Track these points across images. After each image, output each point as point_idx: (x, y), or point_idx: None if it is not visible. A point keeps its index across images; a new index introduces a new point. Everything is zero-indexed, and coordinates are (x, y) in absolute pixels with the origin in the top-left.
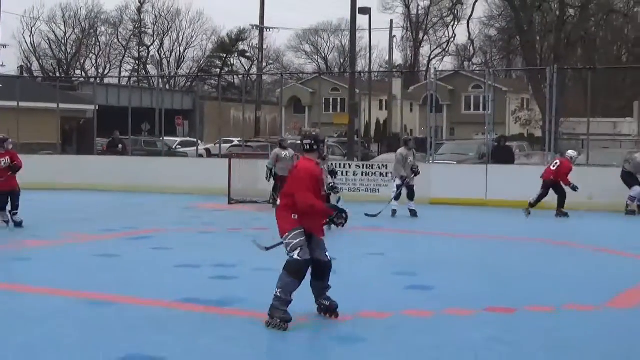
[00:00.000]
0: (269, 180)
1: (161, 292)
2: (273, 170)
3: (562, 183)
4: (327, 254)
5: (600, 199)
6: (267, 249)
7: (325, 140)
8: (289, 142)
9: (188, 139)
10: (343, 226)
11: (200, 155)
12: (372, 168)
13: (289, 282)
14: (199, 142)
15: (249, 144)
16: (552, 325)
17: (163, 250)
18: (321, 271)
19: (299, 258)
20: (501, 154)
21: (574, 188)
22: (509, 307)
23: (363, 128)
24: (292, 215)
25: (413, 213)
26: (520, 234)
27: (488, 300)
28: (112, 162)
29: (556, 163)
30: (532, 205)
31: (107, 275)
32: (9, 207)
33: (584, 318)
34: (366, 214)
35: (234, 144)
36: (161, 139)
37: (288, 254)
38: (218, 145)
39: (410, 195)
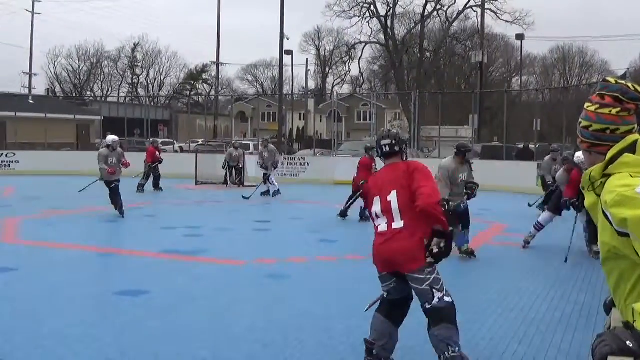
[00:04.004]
0: (223, 168)
1: (149, 246)
2: (229, 163)
3: None
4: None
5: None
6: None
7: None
8: (239, 143)
9: (167, 140)
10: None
11: (176, 151)
12: (295, 159)
13: (456, 333)
14: (175, 142)
15: (209, 143)
16: None
17: (150, 217)
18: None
19: (451, 299)
20: None
21: None
22: None
23: (288, 133)
24: (425, 240)
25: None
26: None
27: None
28: None
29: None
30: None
31: (110, 234)
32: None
33: None
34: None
35: (199, 143)
36: (148, 139)
37: (439, 297)
38: (188, 144)
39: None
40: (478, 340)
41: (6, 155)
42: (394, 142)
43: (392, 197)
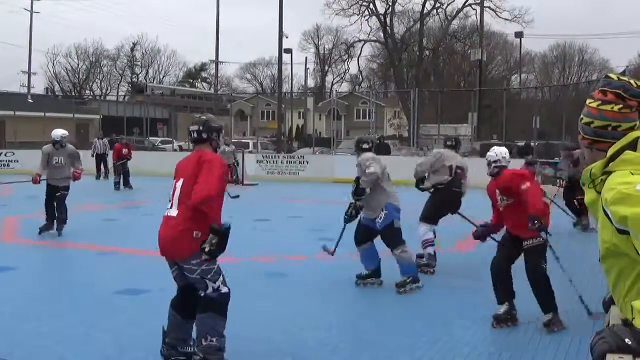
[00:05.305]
0: None
1: (147, 245)
2: None
3: None
4: None
5: None
6: None
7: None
8: (230, 140)
9: (166, 138)
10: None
11: (175, 150)
12: (294, 158)
13: (221, 324)
14: (174, 140)
15: None
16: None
17: (149, 215)
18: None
19: (228, 290)
20: (381, 148)
21: None
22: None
23: (287, 131)
24: (195, 233)
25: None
26: None
27: None
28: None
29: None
30: None
31: (109, 233)
32: None
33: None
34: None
35: None
36: (147, 138)
37: (213, 287)
38: (187, 142)
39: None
40: (477, 339)
41: (5, 155)
42: (201, 128)
43: (178, 185)
